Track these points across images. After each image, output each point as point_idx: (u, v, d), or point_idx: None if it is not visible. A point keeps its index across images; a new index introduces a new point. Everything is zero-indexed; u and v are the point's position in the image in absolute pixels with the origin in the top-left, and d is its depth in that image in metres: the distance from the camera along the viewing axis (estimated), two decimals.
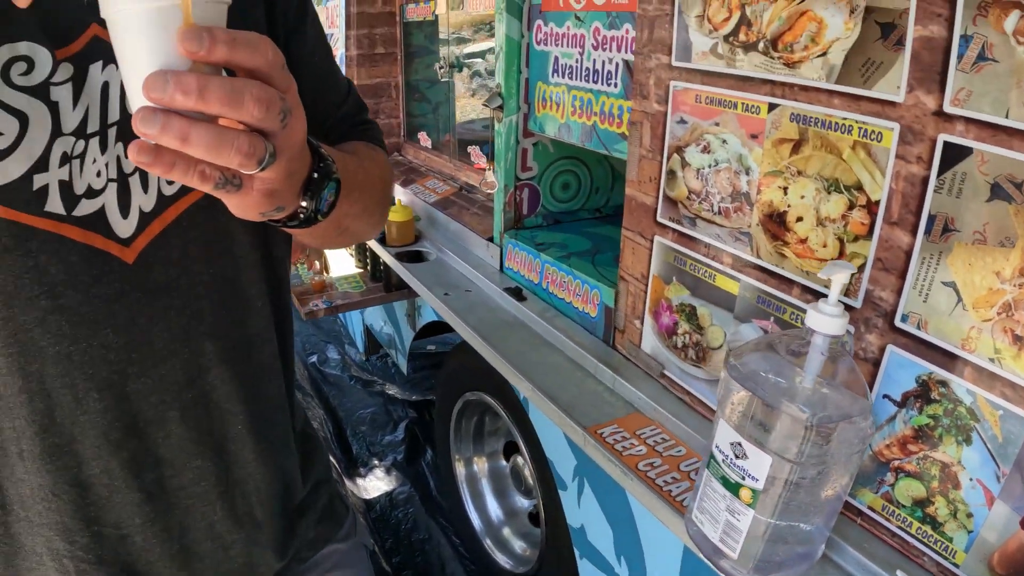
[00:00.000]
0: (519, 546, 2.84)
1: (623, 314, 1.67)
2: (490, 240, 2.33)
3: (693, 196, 1.39)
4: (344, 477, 3.52)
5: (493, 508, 2.95)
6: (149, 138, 0.58)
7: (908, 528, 1.12)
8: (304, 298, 3.02)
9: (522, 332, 1.98)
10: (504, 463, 2.91)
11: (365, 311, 3.97)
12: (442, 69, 3.06)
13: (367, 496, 3.43)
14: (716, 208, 1.34)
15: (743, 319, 1.34)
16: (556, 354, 1.85)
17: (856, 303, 1.12)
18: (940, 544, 1.07)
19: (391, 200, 1.16)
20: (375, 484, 3.50)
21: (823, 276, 0.99)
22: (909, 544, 1.12)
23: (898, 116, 1.02)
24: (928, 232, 1.01)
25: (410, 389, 4.04)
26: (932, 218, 1.00)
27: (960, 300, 0.99)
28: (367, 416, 3.98)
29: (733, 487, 1.06)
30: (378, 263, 3.09)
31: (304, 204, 0.77)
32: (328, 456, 1.34)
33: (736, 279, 1.33)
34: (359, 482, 3.52)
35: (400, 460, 3.64)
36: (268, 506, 1.07)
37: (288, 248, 1.11)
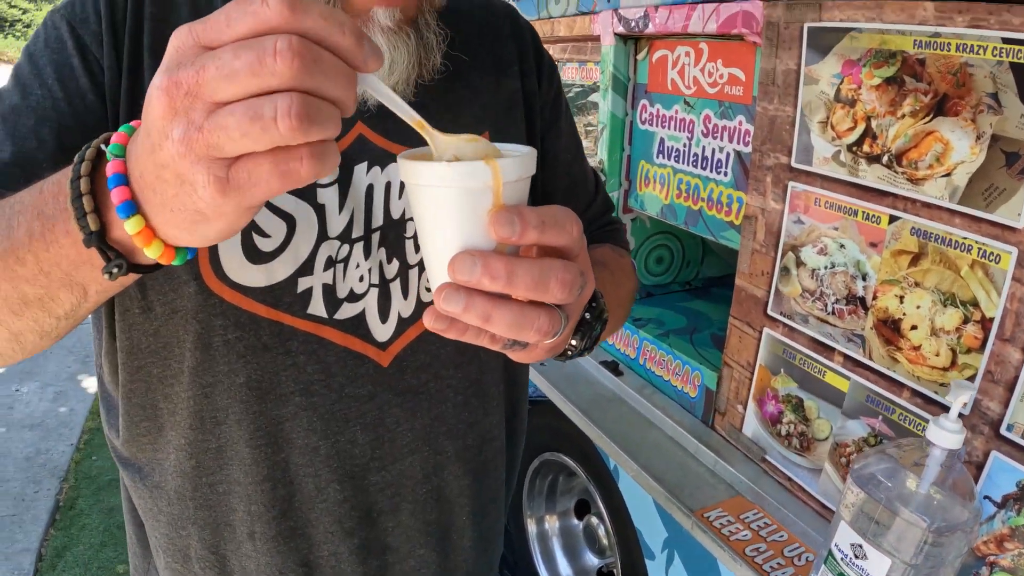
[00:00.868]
0: None
1: (725, 398, 1.74)
2: None
3: (807, 294, 1.46)
4: None
5: (563, 567, 2.99)
6: (449, 315, 0.59)
7: None
8: None
9: (620, 408, 2.06)
10: (576, 521, 2.95)
11: None
12: None
13: None
14: (830, 308, 1.41)
15: (851, 415, 1.40)
16: (655, 432, 1.92)
17: (965, 410, 1.18)
18: None
19: (632, 306, 1.19)
20: None
21: (949, 400, 1.05)
22: None
23: (1017, 241, 1.09)
24: None
25: None
26: None
27: None
28: None
29: None
30: None
31: (574, 343, 0.80)
32: None
33: (847, 377, 1.40)
34: None
35: None
36: None
37: None
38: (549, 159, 1.12)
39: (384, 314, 0.93)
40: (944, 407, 1.19)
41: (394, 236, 0.77)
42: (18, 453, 4.20)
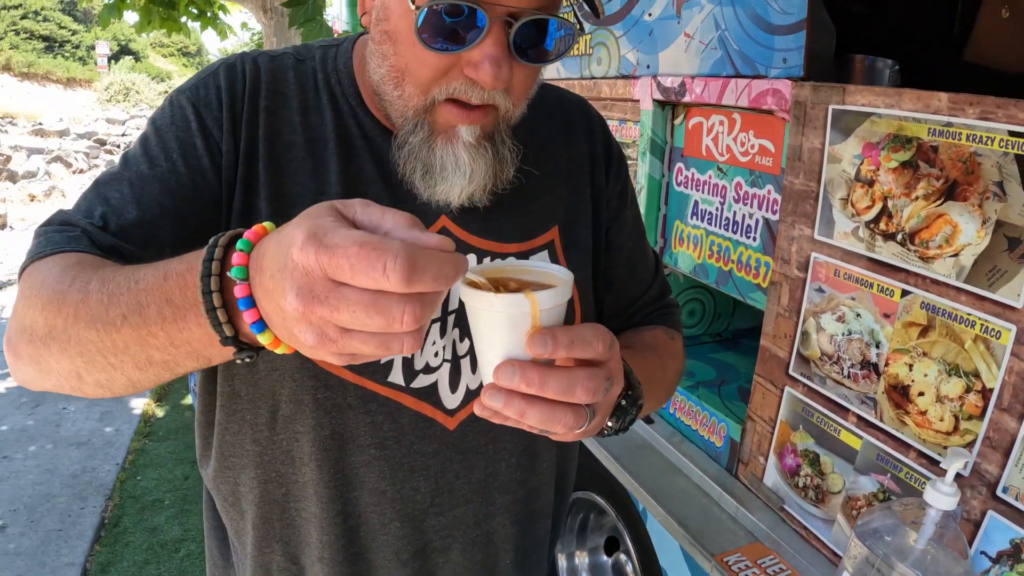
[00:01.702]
0: None
1: (748, 449, 1.83)
2: None
3: (825, 358, 1.56)
4: None
5: None
6: (492, 408, 0.73)
7: None
8: None
9: (651, 454, 2.16)
10: (605, 558, 3.03)
11: None
12: None
13: None
14: (846, 372, 1.51)
15: (862, 471, 1.49)
16: (682, 478, 2.02)
17: (965, 472, 1.27)
18: None
19: (678, 384, 1.28)
20: None
21: (944, 466, 1.14)
22: None
23: (1016, 319, 1.18)
24: None
25: None
26: None
27: None
28: None
29: None
30: None
31: (609, 424, 0.92)
32: None
33: (859, 436, 1.49)
34: None
35: None
36: None
37: None
38: (613, 248, 1.23)
39: (454, 385, 1.07)
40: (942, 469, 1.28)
41: (466, 319, 0.88)
42: (65, 470, 4.37)
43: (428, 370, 1.04)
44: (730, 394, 2.12)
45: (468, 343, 1.06)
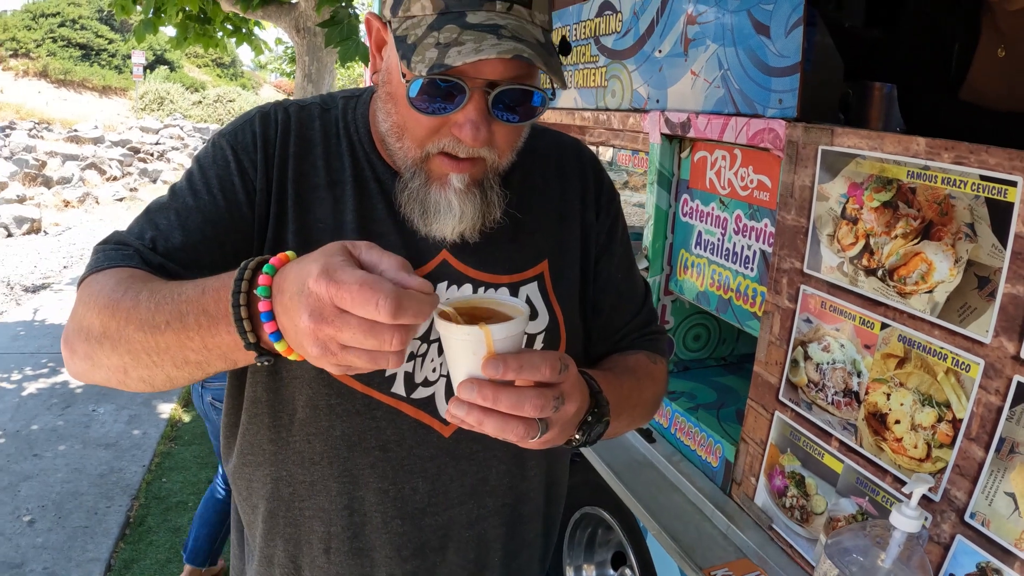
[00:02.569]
0: None
1: (741, 469, 1.92)
2: None
3: (811, 385, 1.64)
4: None
5: None
6: (457, 416, 0.87)
7: None
8: None
9: (650, 471, 2.25)
10: (612, 573, 3.10)
11: None
12: None
13: None
14: (830, 399, 1.59)
15: (843, 494, 1.57)
16: (679, 495, 2.11)
17: (936, 497, 1.35)
18: None
19: (659, 404, 1.39)
20: None
21: (906, 491, 1.22)
22: None
23: (984, 354, 1.26)
24: (998, 450, 1.24)
25: None
26: (1002, 440, 1.23)
27: (1017, 508, 1.21)
28: None
29: None
30: None
31: (577, 437, 1.04)
32: None
33: (841, 460, 1.57)
34: None
35: None
36: None
37: None
38: (601, 278, 1.35)
39: (449, 398, 1.18)
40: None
41: None
42: (92, 470, 4.51)
43: (427, 383, 1.17)
44: (728, 416, 2.20)
45: None
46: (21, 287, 8.81)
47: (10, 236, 11.19)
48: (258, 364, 0.87)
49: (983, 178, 1.26)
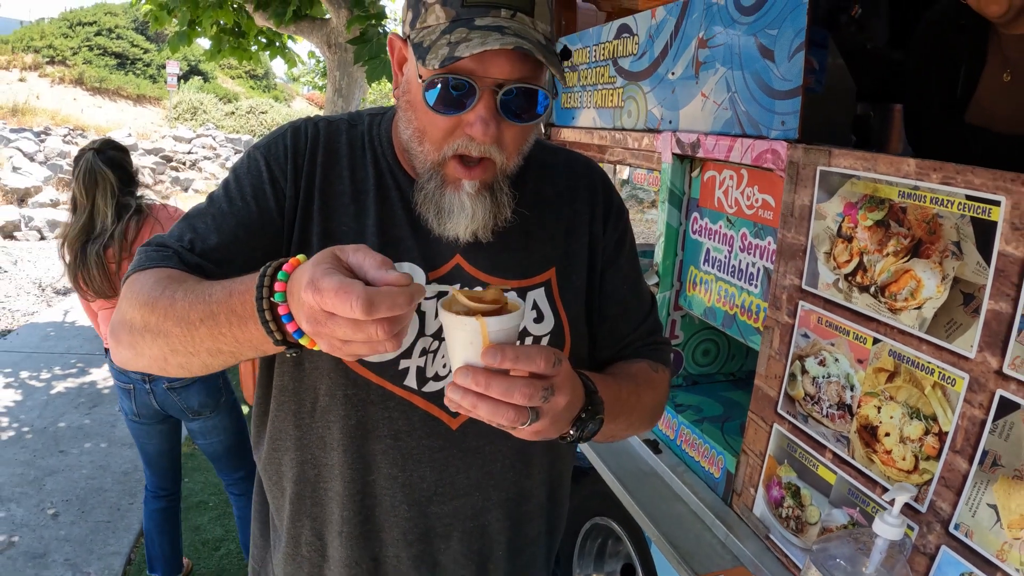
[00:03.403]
0: None
1: (741, 480, 1.97)
2: None
3: (808, 398, 1.69)
4: None
5: None
6: (453, 400, 0.96)
7: None
8: None
9: (655, 481, 2.31)
10: None
11: None
12: None
13: None
14: (825, 412, 1.64)
15: (836, 505, 1.62)
16: (681, 505, 2.16)
17: (922, 508, 1.40)
18: None
19: (660, 412, 1.45)
20: None
21: (886, 498, 1.27)
22: None
23: (969, 369, 1.31)
24: (981, 463, 1.29)
25: None
26: (985, 453, 1.28)
27: (999, 520, 1.26)
28: None
29: None
30: None
31: (571, 432, 1.11)
32: None
33: (834, 472, 1.62)
34: None
35: None
36: None
37: None
38: (607, 289, 1.42)
39: None
40: (907, 505, 1.41)
41: None
42: (117, 468, 4.62)
43: (437, 378, 1.26)
44: (732, 429, 2.25)
45: None
46: (52, 289, 9.01)
47: (43, 239, 11.42)
48: (287, 355, 1.00)
49: (968, 197, 1.31)
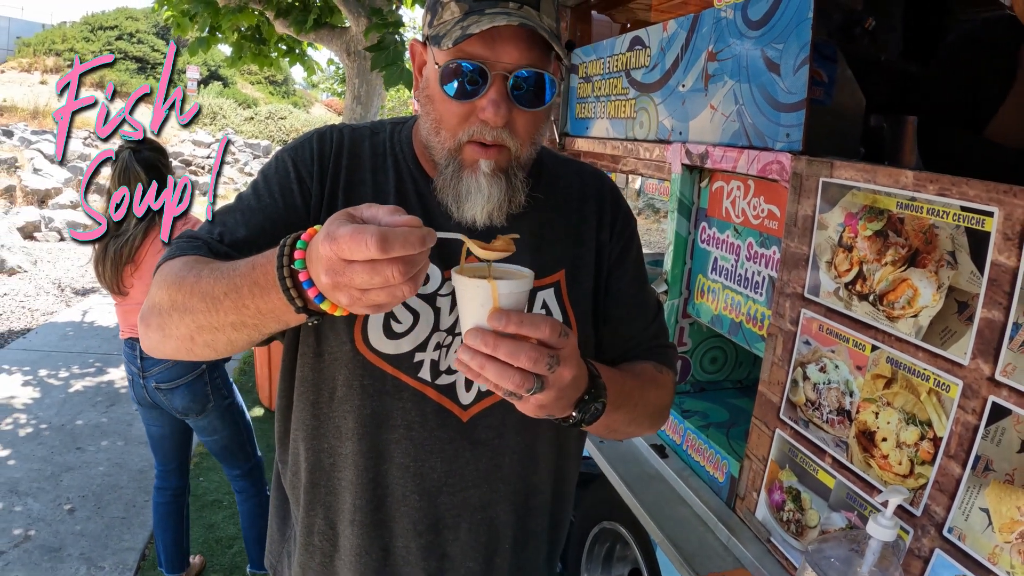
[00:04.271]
0: None
1: (744, 484, 2.01)
2: None
3: (809, 404, 1.73)
4: None
5: None
6: (462, 361, 1.00)
7: None
8: None
9: (661, 485, 2.35)
10: None
11: None
12: None
13: None
14: (825, 417, 1.68)
15: (835, 509, 1.66)
16: (686, 508, 2.20)
17: (917, 512, 1.43)
18: None
19: (664, 413, 1.48)
20: None
21: (879, 500, 1.31)
22: None
23: (963, 375, 1.35)
24: (974, 468, 1.33)
25: None
26: (978, 458, 1.32)
27: (991, 524, 1.30)
28: None
29: None
30: None
31: (574, 414, 1.15)
32: None
33: (833, 476, 1.66)
34: None
35: None
36: None
37: (582, 432, 1.49)
38: (612, 292, 1.47)
39: (469, 386, 1.34)
40: (902, 509, 1.44)
41: None
42: (133, 466, 4.69)
43: (450, 372, 1.31)
44: (737, 435, 2.29)
45: None
46: (72, 289, 9.12)
47: (63, 240, 11.55)
48: (309, 324, 1.04)
49: (963, 208, 1.35)
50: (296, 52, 8.30)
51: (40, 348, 6.91)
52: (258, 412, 5.53)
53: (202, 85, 29.30)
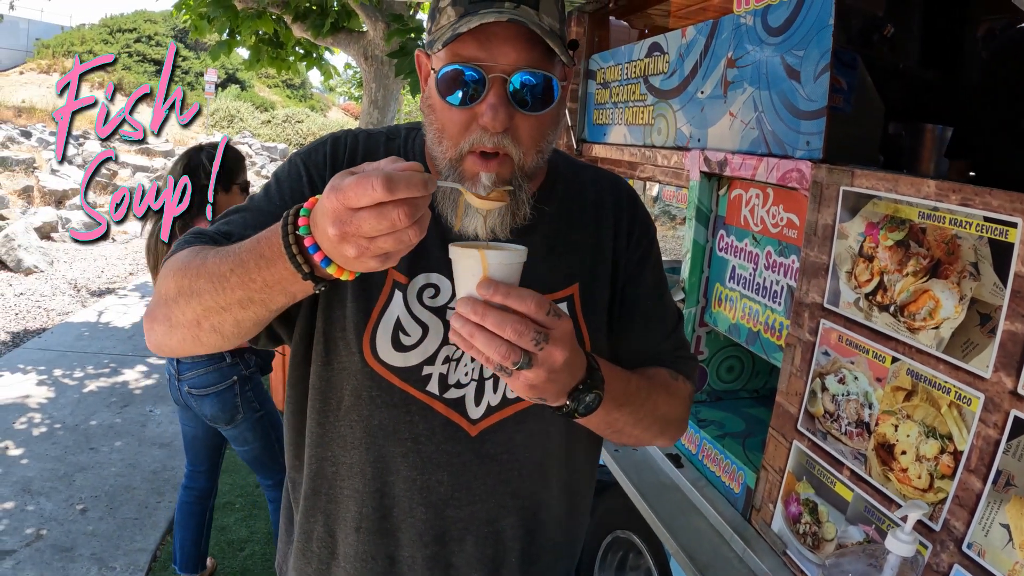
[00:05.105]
0: None
1: (761, 496, 1.99)
2: None
3: (827, 415, 1.71)
4: None
5: None
6: (455, 329, 1.00)
7: None
8: None
9: (676, 495, 2.33)
10: None
11: None
12: None
13: None
14: (844, 429, 1.66)
15: (852, 522, 1.64)
16: (701, 519, 2.18)
17: (936, 527, 1.41)
18: None
19: (679, 422, 1.43)
20: None
21: (899, 515, 1.29)
22: None
23: (984, 389, 1.33)
24: (995, 483, 1.31)
25: None
26: (999, 472, 1.30)
27: (1011, 540, 1.28)
28: None
29: None
30: None
31: (568, 404, 1.13)
32: None
33: (851, 489, 1.64)
34: None
35: None
36: None
37: (595, 447, 1.50)
38: (628, 303, 1.44)
39: (478, 400, 1.32)
40: (921, 524, 1.42)
41: None
42: (146, 467, 4.70)
43: (459, 385, 1.30)
44: (753, 446, 2.27)
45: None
46: (87, 290, 9.17)
47: (79, 241, 11.61)
48: (316, 291, 1.03)
49: (986, 219, 1.33)
50: (313, 56, 8.35)
51: (55, 348, 6.95)
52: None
53: (220, 88, 29.45)
